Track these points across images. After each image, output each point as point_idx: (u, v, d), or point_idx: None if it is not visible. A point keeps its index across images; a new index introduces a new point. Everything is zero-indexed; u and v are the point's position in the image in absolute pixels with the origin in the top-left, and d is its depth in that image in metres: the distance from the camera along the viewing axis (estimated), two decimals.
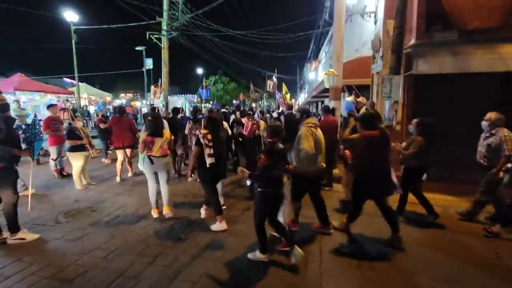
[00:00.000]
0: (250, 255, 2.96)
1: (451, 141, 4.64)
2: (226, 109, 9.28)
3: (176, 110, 6.69)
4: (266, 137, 2.88)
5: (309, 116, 3.45)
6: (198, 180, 3.64)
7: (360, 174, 3.13)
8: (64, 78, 23.96)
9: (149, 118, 3.97)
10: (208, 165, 3.45)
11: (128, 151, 5.87)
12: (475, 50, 4.85)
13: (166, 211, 3.98)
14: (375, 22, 6.91)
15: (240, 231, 3.58)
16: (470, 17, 4.95)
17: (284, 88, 7.99)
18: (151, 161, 3.77)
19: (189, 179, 3.48)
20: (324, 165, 3.39)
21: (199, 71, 35.12)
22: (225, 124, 5.24)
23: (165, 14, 11.15)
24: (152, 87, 6.85)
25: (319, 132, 3.41)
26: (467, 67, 4.86)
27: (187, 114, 9.83)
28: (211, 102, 30.85)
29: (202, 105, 7.93)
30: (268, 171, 2.76)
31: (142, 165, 3.86)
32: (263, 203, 2.83)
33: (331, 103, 6.14)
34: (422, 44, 5.05)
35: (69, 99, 14.24)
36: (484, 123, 3.79)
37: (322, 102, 15.49)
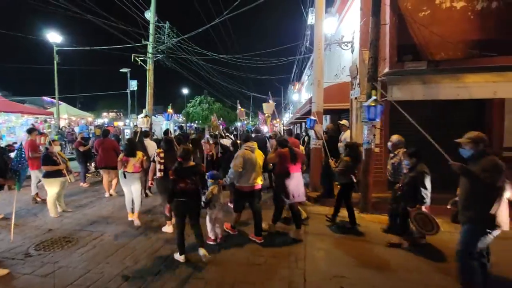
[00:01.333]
0: (175, 255, 3.65)
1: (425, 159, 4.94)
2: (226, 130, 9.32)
3: (166, 132, 7.12)
4: (177, 158, 3.63)
5: (248, 140, 4.19)
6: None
7: (278, 180, 4.16)
8: (43, 97, 23.31)
9: (126, 141, 4.86)
10: (160, 178, 4.39)
11: (113, 172, 6.24)
12: (442, 79, 5.12)
13: (135, 218, 4.73)
14: (352, 51, 7.05)
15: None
16: (437, 49, 5.29)
17: (266, 107, 8.28)
18: (125, 176, 4.66)
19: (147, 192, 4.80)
20: (259, 182, 4.09)
21: (185, 91, 35.90)
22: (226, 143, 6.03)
23: (151, 38, 11.36)
24: (141, 119, 6.87)
25: (254, 155, 4.11)
26: (436, 95, 5.12)
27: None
28: (195, 122, 30.74)
29: (190, 125, 7.93)
30: (175, 185, 3.45)
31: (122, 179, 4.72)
32: (175, 211, 3.55)
33: (320, 125, 6.17)
34: (395, 72, 5.26)
35: (48, 120, 13.86)
36: (388, 144, 4.42)
37: (303, 124, 15.69)
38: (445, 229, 4.01)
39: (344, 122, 6.17)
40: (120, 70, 20.57)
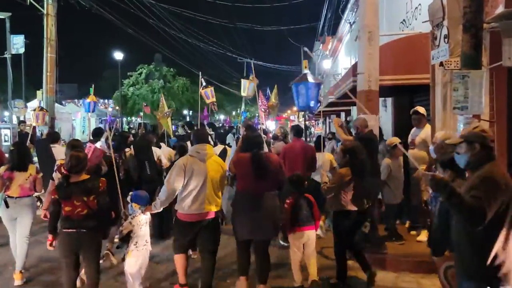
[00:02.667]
0: None
1: None
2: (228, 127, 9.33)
3: (97, 133, 6.49)
4: (64, 170, 3.67)
5: (201, 140, 4.03)
6: None
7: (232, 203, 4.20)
8: None
9: (12, 147, 4.62)
10: None
11: None
12: None
13: (17, 279, 4.32)
14: None
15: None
16: None
17: (274, 93, 8.21)
18: (7, 205, 4.32)
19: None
20: (212, 207, 3.90)
21: (119, 56, 26.53)
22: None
23: None
24: (32, 112, 6.09)
25: (205, 164, 3.91)
26: None
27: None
28: (138, 114, 28.24)
29: (126, 119, 7.27)
30: (57, 208, 3.45)
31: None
32: (60, 248, 3.48)
33: (360, 118, 5.48)
34: None
35: None
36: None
37: (348, 114, 15.15)
38: None
39: (420, 109, 5.51)
40: None
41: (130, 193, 3.99)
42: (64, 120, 12.67)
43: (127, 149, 5.87)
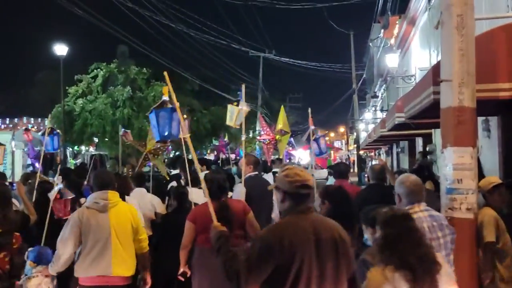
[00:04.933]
0: None
1: None
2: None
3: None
4: None
5: (105, 184, 5.04)
6: None
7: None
8: None
9: None
10: None
11: None
12: None
13: None
14: None
15: None
16: None
17: (282, 116, 9.45)
18: None
19: None
20: (120, 271, 4.71)
21: (61, 50, 27.44)
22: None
23: None
24: None
25: (107, 215, 4.76)
26: None
27: None
28: (93, 144, 28.31)
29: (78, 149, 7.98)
30: None
31: None
32: None
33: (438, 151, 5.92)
34: None
35: None
36: None
37: (426, 139, 15.90)
38: None
39: None
40: None
41: (30, 248, 4.53)
42: None
43: (82, 199, 6.51)
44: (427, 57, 16.25)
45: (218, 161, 16.28)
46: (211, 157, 31.78)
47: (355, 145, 37.62)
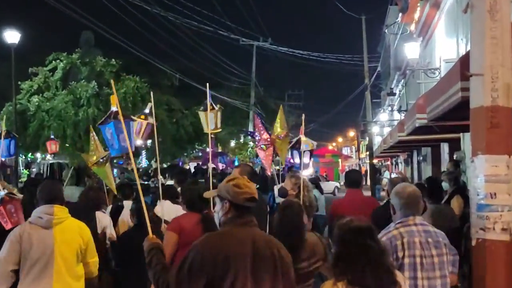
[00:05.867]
0: None
1: None
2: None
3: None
4: None
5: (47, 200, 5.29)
6: None
7: None
8: None
9: None
10: None
11: None
12: None
13: None
14: None
15: None
16: None
17: (279, 117, 9.97)
18: None
19: None
20: None
21: (12, 37, 26.96)
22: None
23: None
24: None
25: (52, 232, 5.01)
26: None
27: None
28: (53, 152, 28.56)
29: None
30: None
31: None
32: None
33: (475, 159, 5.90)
34: None
35: None
36: None
37: (454, 146, 15.80)
38: None
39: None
40: None
41: None
42: None
43: None
44: (454, 47, 16.36)
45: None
46: (190, 166, 31.67)
47: (368, 153, 37.48)
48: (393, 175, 28.65)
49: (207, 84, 9.10)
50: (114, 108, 6.96)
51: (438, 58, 18.76)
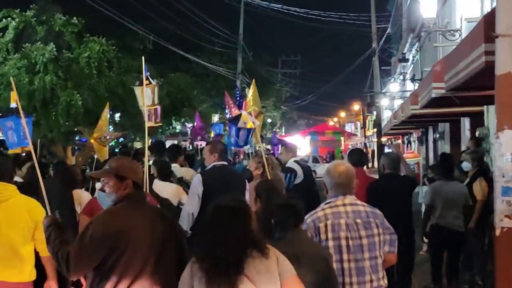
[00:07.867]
0: None
1: None
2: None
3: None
4: None
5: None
6: None
7: None
8: None
9: None
10: None
11: None
12: None
13: None
14: None
15: None
16: None
17: (252, 92, 10.66)
18: None
19: None
20: (14, 277, 5.43)
21: None
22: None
23: None
24: None
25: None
26: None
27: None
28: None
29: None
30: None
31: None
32: None
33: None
34: None
35: None
36: None
37: (476, 121, 15.98)
38: None
39: None
40: None
41: None
42: None
43: None
44: (477, 4, 16.42)
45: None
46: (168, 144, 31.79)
47: (375, 130, 37.53)
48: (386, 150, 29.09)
49: (143, 57, 9.64)
50: (13, 105, 7.46)
51: (459, 18, 18.82)
